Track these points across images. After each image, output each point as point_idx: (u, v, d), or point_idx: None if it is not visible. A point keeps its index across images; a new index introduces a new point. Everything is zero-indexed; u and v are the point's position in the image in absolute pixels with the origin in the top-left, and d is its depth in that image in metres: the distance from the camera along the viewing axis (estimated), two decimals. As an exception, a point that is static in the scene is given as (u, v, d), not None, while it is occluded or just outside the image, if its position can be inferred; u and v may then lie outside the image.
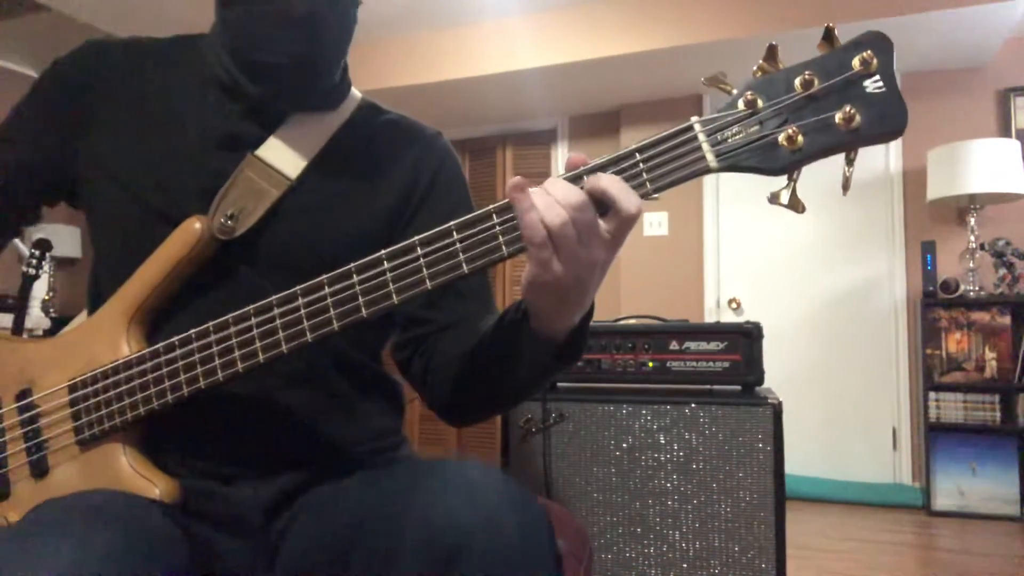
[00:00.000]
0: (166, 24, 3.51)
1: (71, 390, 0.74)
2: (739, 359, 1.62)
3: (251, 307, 0.68)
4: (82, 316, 0.84)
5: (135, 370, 0.71)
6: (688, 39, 3.40)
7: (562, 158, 4.35)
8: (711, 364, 1.63)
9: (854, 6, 3.12)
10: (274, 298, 0.67)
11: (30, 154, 0.83)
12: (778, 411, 1.53)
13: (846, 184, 0.61)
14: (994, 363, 3.24)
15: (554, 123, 4.46)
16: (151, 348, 0.71)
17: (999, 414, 3.20)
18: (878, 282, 3.71)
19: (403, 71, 3.91)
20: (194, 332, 0.69)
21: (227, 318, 0.68)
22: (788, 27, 3.17)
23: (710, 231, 3.98)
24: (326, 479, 0.77)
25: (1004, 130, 3.55)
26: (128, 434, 0.72)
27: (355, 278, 0.65)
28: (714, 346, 1.63)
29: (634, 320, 1.83)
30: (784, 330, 3.72)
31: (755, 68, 0.62)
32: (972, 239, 3.34)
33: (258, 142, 0.78)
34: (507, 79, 3.82)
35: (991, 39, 3.32)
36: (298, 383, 0.78)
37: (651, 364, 1.67)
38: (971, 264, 3.34)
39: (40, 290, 3.32)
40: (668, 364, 1.66)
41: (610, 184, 0.59)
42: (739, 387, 1.63)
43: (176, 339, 0.70)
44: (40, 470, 0.74)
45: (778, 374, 2.92)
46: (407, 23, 3.76)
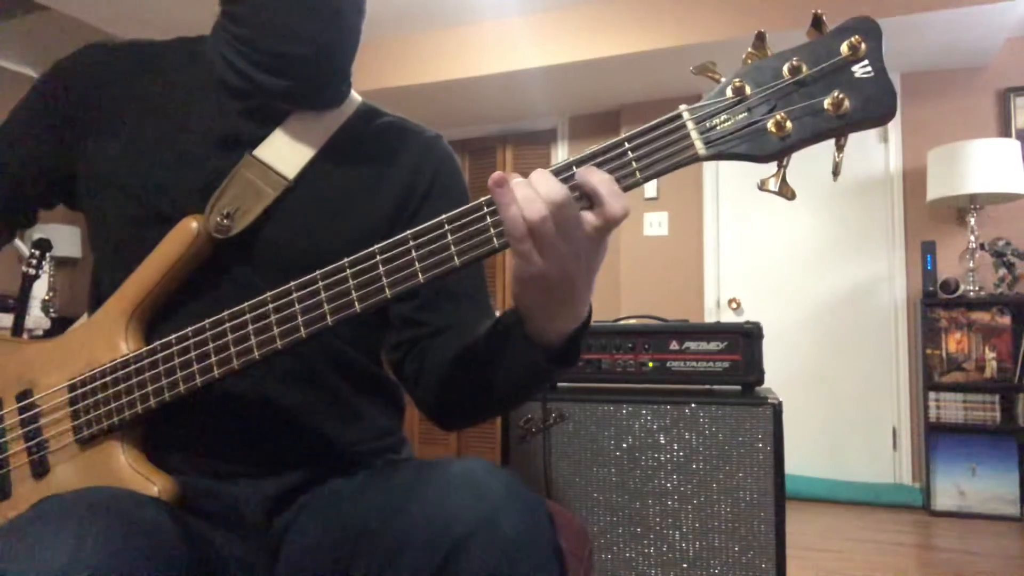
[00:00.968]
0: (166, 24, 3.51)
1: (70, 390, 0.74)
2: (739, 359, 1.62)
3: (246, 304, 0.68)
4: (84, 318, 0.84)
5: (132, 368, 0.71)
6: (688, 39, 3.40)
7: (562, 158, 4.34)
8: (711, 364, 1.63)
9: (854, 6, 3.11)
10: (268, 294, 0.67)
11: (29, 155, 0.83)
12: (778, 411, 1.53)
13: (836, 170, 0.61)
14: (994, 363, 3.24)
15: (554, 123, 4.46)
16: (148, 347, 0.72)
17: (999, 414, 3.20)
18: (878, 282, 3.71)
19: (403, 71, 3.91)
20: (191, 330, 0.70)
21: (223, 315, 0.69)
22: (788, 27, 3.17)
23: (710, 231, 3.98)
24: (327, 478, 0.78)
25: (1004, 130, 3.54)
26: (127, 433, 0.73)
27: (348, 271, 0.65)
28: (714, 346, 1.63)
29: (634, 320, 1.83)
30: (784, 330, 3.72)
31: (744, 55, 0.62)
32: (972, 239, 3.34)
33: (257, 142, 0.78)
34: (507, 79, 3.82)
35: (991, 39, 3.32)
36: (298, 383, 0.78)
37: (651, 364, 1.67)
38: (971, 264, 3.34)
39: (40, 290, 3.32)
40: (668, 364, 1.66)
41: (600, 183, 0.59)
42: (739, 387, 1.63)
43: (173, 337, 0.70)
44: (40, 470, 0.74)
45: (778, 374, 2.92)
46: (407, 23, 3.76)
